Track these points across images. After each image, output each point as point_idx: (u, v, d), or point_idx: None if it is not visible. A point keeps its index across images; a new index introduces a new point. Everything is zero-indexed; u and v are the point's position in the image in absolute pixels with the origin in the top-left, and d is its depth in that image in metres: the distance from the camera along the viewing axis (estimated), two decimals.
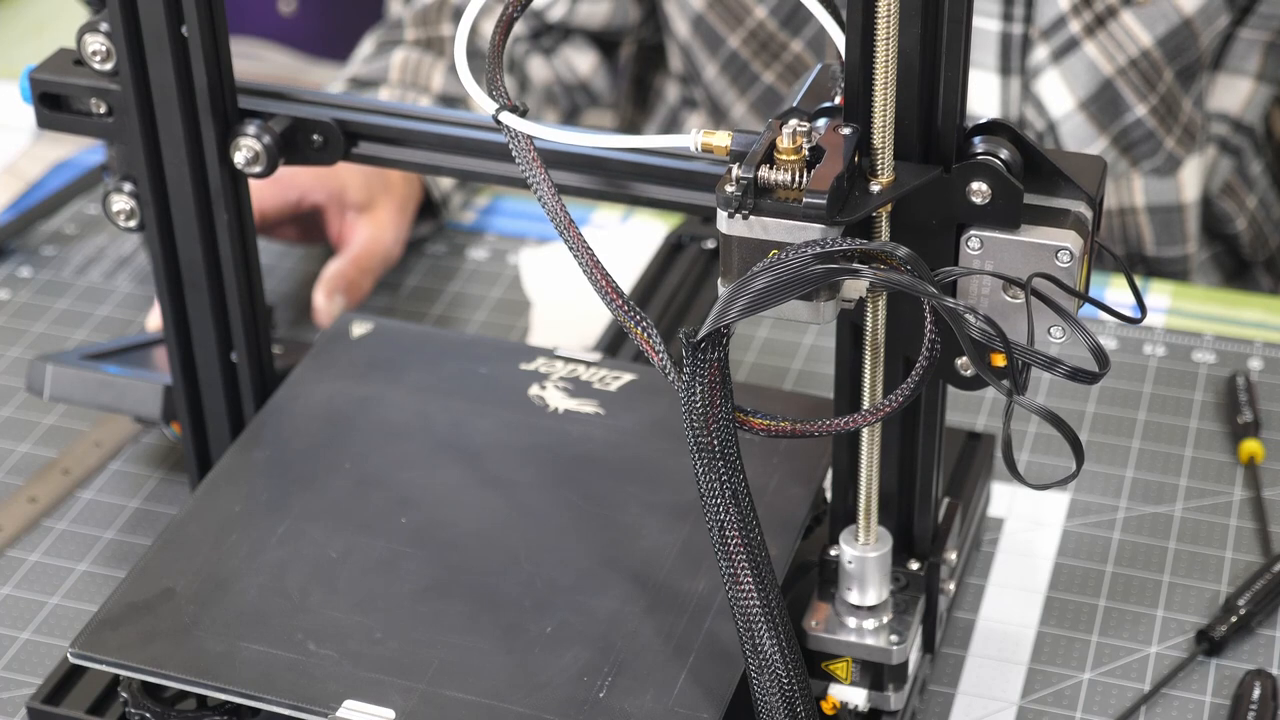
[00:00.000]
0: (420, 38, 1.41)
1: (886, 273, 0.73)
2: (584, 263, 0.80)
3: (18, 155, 1.46)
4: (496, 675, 0.83)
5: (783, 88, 1.46)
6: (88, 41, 0.91)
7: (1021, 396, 0.73)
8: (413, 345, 1.03)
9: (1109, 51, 1.35)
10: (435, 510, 0.92)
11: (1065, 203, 0.79)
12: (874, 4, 0.74)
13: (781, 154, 0.75)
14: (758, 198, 0.75)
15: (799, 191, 0.74)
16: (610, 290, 0.79)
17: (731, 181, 0.75)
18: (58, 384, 1.07)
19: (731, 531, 0.78)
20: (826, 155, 0.75)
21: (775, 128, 0.76)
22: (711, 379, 0.75)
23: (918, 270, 0.73)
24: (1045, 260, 0.77)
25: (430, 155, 0.92)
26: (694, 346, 0.74)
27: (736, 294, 0.73)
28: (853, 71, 0.76)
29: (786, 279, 0.73)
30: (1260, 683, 0.94)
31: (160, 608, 0.87)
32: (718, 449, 0.76)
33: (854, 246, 0.73)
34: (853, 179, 0.76)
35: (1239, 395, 1.15)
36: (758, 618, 0.79)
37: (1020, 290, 0.78)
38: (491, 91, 0.83)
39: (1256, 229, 1.48)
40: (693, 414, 0.76)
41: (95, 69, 0.92)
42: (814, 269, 0.73)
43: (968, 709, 0.95)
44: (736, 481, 0.77)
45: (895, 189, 0.77)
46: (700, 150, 0.80)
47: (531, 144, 0.82)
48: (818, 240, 0.73)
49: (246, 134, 0.93)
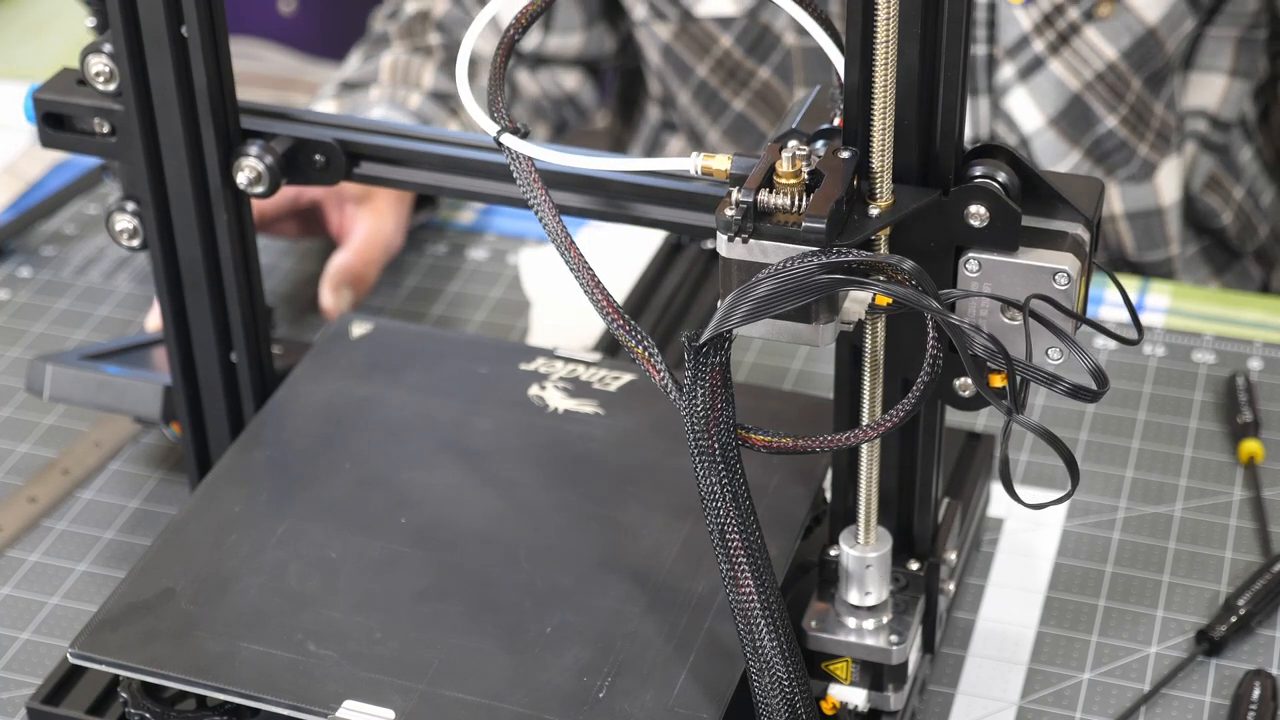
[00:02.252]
0: (409, 46, 1.41)
1: (891, 285, 0.73)
2: (584, 282, 0.80)
3: (18, 155, 1.46)
4: (496, 675, 0.83)
5: (753, 114, 1.46)
6: (91, 63, 0.92)
7: (1020, 415, 0.73)
8: (413, 345, 1.03)
9: (1074, 67, 1.35)
10: (435, 510, 0.92)
11: (1063, 225, 0.79)
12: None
13: (781, 177, 0.75)
14: (757, 221, 0.75)
15: (798, 215, 0.74)
16: (611, 309, 0.79)
17: (731, 205, 0.75)
18: (57, 384, 1.07)
19: (732, 534, 0.78)
20: (825, 179, 0.75)
21: (774, 151, 0.76)
22: (713, 383, 0.75)
23: (923, 284, 0.73)
24: (1043, 282, 0.78)
25: (432, 175, 0.93)
26: (696, 350, 0.74)
27: (740, 299, 0.73)
28: (851, 94, 0.77)
29: (791, 287, 0.73)
30: (1260, 683, 0.94)
31: (160, 608, 0.87)
32: (718, 453, 0.76)
33: (860, 258, 0.73)
34: (851, 202, 0.76)
35: (1239, 395, 1.15)
36: (758, 619, 0.79)
37: (1018, 312, 0.78)
38: (493, 114, 0.83)
39: (1244, 220, 1.48)
40: (694, 418, 0.76)
41: (99, 90, 0.93)
42: (819, 278, 0.73)
43: (968, 709, 0.95)
44: (737, 485, 0.77)
45: (894, 212, 0.77)
46: (700, 173, 0.80)
47: (533, 166, 0.83)
48: (824, 250, 0.73)
49: (249, 154, 0.93)
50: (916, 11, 0.75)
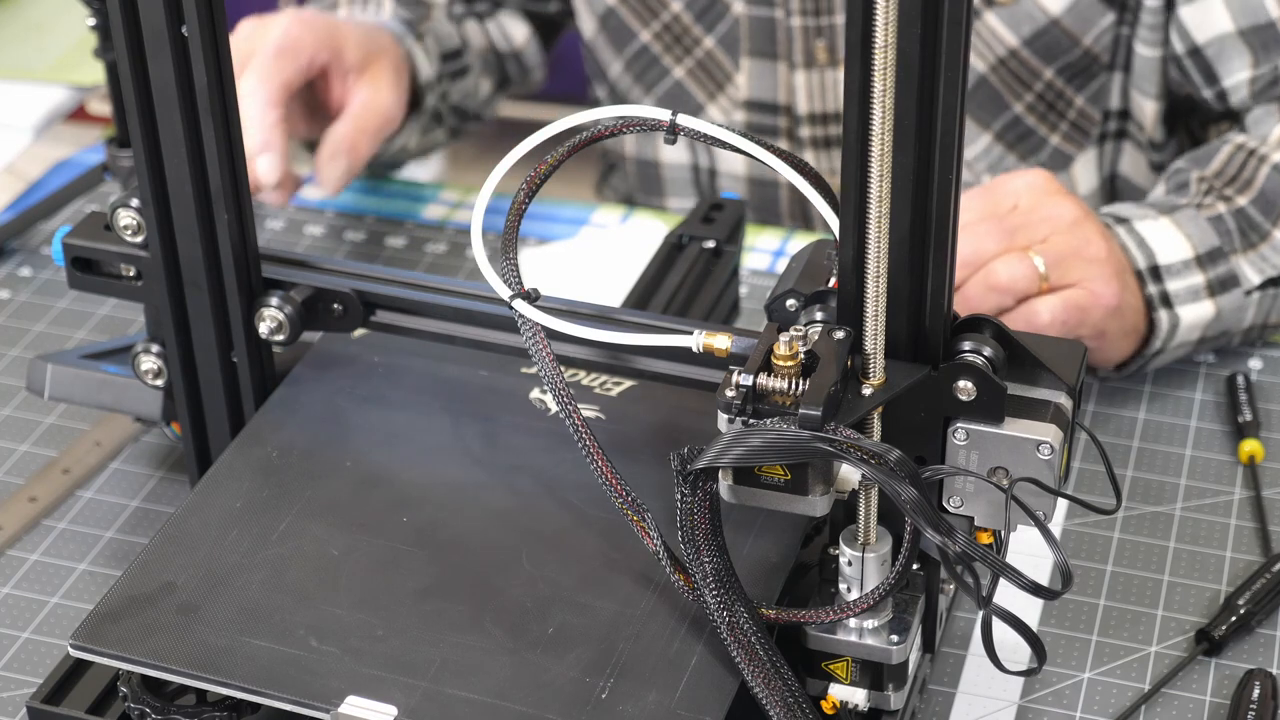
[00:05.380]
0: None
1: (876, 469, 0.77)
2: (585, 447, 0.86)
3: (18, 155, 1.46)
4: (499, 674, 0.83)
5: (691, 84, 1.46)
6: (120, 216, 0.97)
7: (993, 605, 0.79)
8: (413, 346, 1.03)
9: (977, 49, 1.34)
10: (437, 510, 0.92)
11: (1046, 393, 0.83)
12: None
13: (778, 359, 0.79)
14: (756, 403, 0.80)
15: (795, 398, 0.79)
16: (611, 478, 0.85)
17: (731, 387, 0.79)
18: (58, 384, 1.07)
19: (728, 640, 0.82)
20: (821, 363, 0.80)
21: (772, 331, 0.81)
22: (702, 507, 0.81)
23: (907, 473, 0.77)
24: (1028, 452, 0.82)
25: (444, 325, 0.97)
26: (687, 476, 0.80)
27: (735, 443, 0.78)
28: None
29: (782, 447, 0.78)
30: (1260, 682, 0.94)
31: (161, 601, 0.87)
32: (709, 570, 0.82)
33: (853, 441, 0.77)
34: (845, 381, 0.81)
35: (1239, 395, 1.15)
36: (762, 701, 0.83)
37: (1003, 476, 0.83)
38: (506, 278, 0.88)
39: None
40: (685, 537, 0.82)
41: (126, 240, 0.97)
42: (810, 445, 0.77)
43: (968, 709, 0.95)
44: (731, 598, 0.82)
45: (886, 391, 0.82)
46: (702, 350, 0.85)
47: (540, 330, 0.88)
48: (819, 432, 0.77)
49: (270, 305, 0.97)
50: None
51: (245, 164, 0.95)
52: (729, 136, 0.85)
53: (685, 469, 0.80)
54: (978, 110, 1.38)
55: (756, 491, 0.80)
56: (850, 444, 0.77)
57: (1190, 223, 1.15)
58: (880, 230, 0.78)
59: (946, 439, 0.83)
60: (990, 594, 0.78)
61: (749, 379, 0.79)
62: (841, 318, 0.82)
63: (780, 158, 0.85)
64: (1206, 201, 1.17)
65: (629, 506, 0.85)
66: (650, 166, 1.53)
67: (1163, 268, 1.13)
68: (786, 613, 0.85)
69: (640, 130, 0.86)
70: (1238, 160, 1.20)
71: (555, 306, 0.90)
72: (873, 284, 0.79)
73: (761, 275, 1.30)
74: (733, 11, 1.41)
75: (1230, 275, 1.14)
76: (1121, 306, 1.10)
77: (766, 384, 0.80)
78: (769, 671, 0.82)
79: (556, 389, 0.86)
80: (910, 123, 0.77)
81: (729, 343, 0.85)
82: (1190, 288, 1.13)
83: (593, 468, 0.86)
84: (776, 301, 0.87)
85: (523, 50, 1.53)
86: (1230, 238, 1.14)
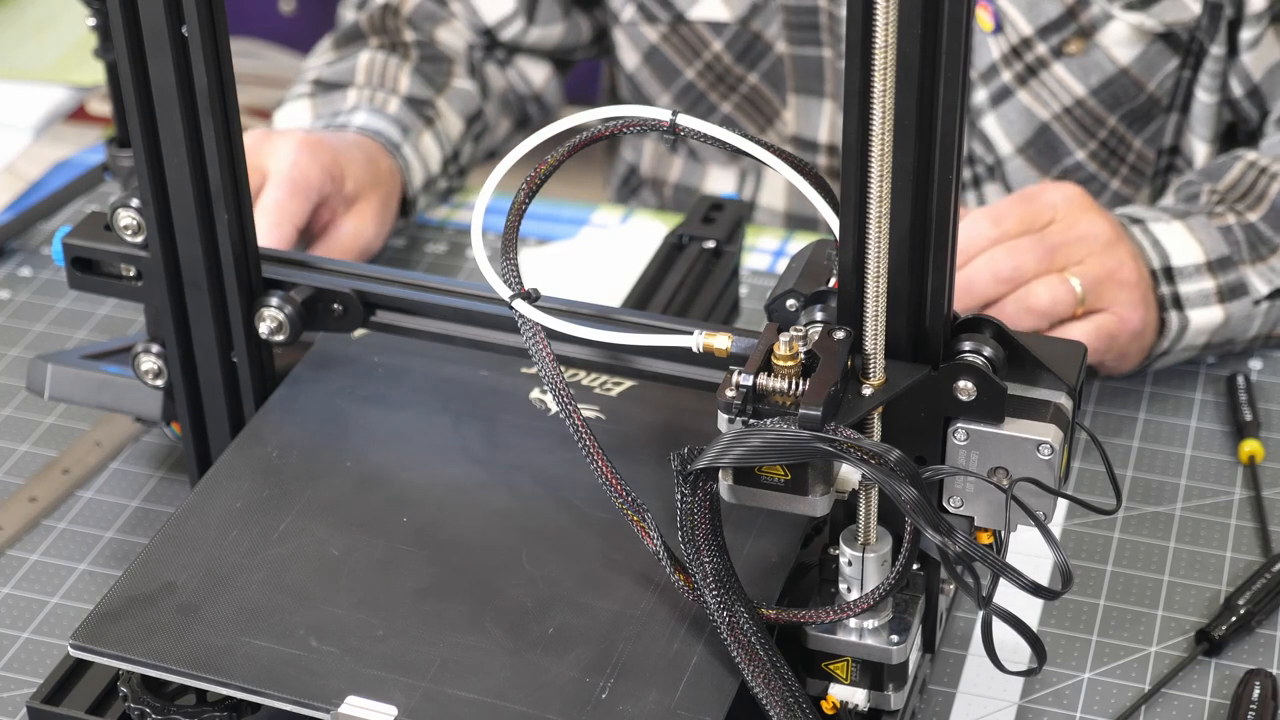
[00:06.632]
0: (384, 43, 1.41)
1: (876, 469, 0.77)
2: (585, 447, 0.86)
3: (18, 155, 1.46)
4: (499, 674, 0.83)
5: (740, 117, 1.47)
6: (120, 216, 0.97)
7: (993, 605, 0.79)
8: (413, 347, 1.03)
9: (1043, 99, 1.34)
10: (437, 510, 0.92)
11: (1046, 393, 0.83)
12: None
13: (779, 359, 0.79)
14: (756, 403, 0.80)
15: (795, 398, 0.79)
16: (611, 478, 0.85)
17: (731, 387, 0.79)
18: (58, 384, 1.07)
19: (728, 640, 0.82)
20: (821, 363, 0.80)
21: (772, 332, 0.81)
22: (702, 507, 0.81)
23: (907, 474, 0.77)
24: (1028, 453, 0.82)
25: (444, 325, 0.97)
26: (687, 476, 0.80)
27: (735, 444, 0.78)
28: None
29: (782, 447, 0.78)
30: (1260, 682, 0.94)
31: (161, 601, 0.87)
32: (709, 570, 0.82)
33: (853, 441, 0.77)
34: (845, 381, 0.81)
35: (1239, 395, 1.15)
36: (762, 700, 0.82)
37: (1003, 476, 0.83)
38: (506, 278, 0.88)
39: None
40: (685, 537, 0.81)
41: (126, 240, 0.97)
42: (810, 445, 0.77)
43: (968, 709, 0.95)
44: (731, 598, 0.82)
45: (886, 391, 0.81)
46: (702, 351, 0.85)
47: (540, 329, 0.88)
48: (819, 433, 0.77)
49: (270, 305, 0.97)
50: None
51: (245, 164, 0.95)
52: (729, 137, 0.85)
53: (685, 469, 0.80)
54: (1037, 156, 1.37)
55: (756, 491, 0.80)
56: (850, 444, 0.77)
57: (1202, 229, 1.16)
58: (880, 230, 0.78)
59: (946, 439, 0.83)
60: (990, 594, 0.78)
61: (749, 379, 0.79)
62: (841, 318, 0.82)
63: (780, 158, 0.85)
64: (1218, 210, 1.18)
65: (629, 506, 0.85)
66: (688, 194, 1.53)
67: (1176, 269, 1.14)
68: (786, 613, 0.85)
69: (640, 130, 0.86)
70: (1249, 177, 1.21)
71: (555, 306, 0.90)
72: (873, 284, 0.79)
73: (761, 275, 1.30)
74: (775, 50, 1.41)
75: (1240, 283, 1.14)
76: (1144, 329, 1.12)
77: (766, 384, 0.80)
78: (769, 671, 0.82)
79: (556, 389, 0.86)
80: (910, 123, 0.77)
81: (729, 343, 0.85)
82: (1201, 292, 1.14)
83: (593, 468, 0.86)
84: (776, 301, 0.87)
85: (543, 91, 1.52)
86: (1239, 248, 1.15)
